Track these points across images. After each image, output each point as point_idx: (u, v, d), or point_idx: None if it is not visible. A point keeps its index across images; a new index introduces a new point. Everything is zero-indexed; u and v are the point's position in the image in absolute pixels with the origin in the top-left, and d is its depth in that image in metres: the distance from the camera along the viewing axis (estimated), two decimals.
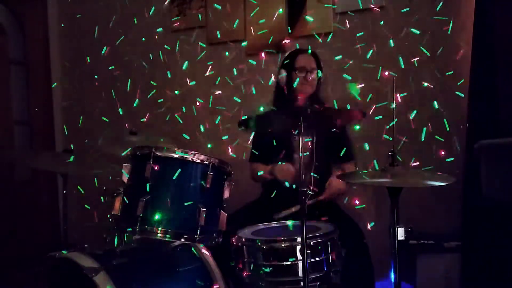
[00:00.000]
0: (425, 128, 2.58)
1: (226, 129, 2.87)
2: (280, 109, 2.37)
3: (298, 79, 2.37)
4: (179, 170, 1.76)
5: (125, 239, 1.95)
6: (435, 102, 2.57)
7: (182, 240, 1.79)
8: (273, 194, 2.26)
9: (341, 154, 2.44)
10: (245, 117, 1.78)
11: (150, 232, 1.74)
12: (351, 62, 2.77)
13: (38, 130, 3.65)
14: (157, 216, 1.72)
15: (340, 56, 2.79)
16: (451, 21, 2.63)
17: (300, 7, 2.99)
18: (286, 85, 2.41)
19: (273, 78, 2.57)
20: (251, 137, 2.51)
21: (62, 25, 3.71)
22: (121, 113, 3.31)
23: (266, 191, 2.54)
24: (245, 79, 3.05)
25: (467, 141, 2.48)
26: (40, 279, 1.90)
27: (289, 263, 1.73)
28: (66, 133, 3.68)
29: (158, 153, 1.76)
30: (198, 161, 1.79)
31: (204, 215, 1.74)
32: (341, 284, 1.84)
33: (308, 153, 2.32)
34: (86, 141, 3.12)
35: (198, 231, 1.74)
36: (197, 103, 3.11)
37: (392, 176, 1.59)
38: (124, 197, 1.80)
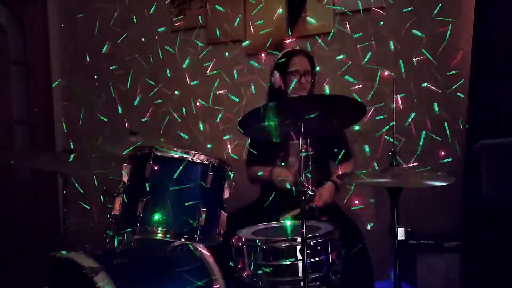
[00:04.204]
0: (424, 128, 2.58)
1: (226, 129, 2.87)
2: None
3: (292, 82, 2.36)
4: (179, 170, 1.77)
5: (125, 239, 1.95)
6: (435, 103, 2.57)
7: (182, 240, 1.79)
8: (272, 196, 2.26)
9: (339, 154, 2.44)
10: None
11: (150, 232, 1.74)
12: (350, 62, 2.78)
13: (38, 130, 3.66)
14: (157, 216, 1.72)
15: (340, 57, 2.79)
16: (451, 21, 2.63)
17: (300, 7, 2.99)
18: (279, 87, 2.40)
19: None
20: (248, 141, 2.51)
21: (62, 25, 3.71)
22: (120, 112, 3.31)
23: (265, 192, 2.54)
24: (245, 79, 3.05)
25: (467, 141, 2.48)
26: (40, 279, 1.90)
27: (289, 263, 1.73)
28: (66, 132, 3.68)
29: (158, 153, 1.76)
30: (198, 161, 1.79)
31: (204, 215, 1.74)
32: (341, 284, 1.84)
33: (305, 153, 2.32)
34: (86, 141, 3.11)
35: (198, 231, 1.74)
36: (197, 103, 3.11)
37: (392, 176, 1.59)
38: (124, 197, 1.80)
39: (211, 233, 1.82)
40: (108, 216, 1.83)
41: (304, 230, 1.60)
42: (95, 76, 3.47)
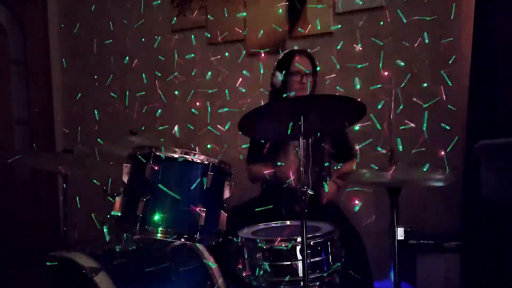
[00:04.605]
0: (424, 128, 2.58)
1: (226, 129, 2.87)
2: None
3: (293, 82, 2.37)
4: (179, 170, 1.77)
5: (125, 239, 1.95)
6: (435, 102, 2.57)
7: (182, 240, 1.79)
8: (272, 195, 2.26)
9: (340, 154, 2.44)
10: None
11: (150, 232, 1.73)
12: (350, 62, 2.78)
13: (38, 130, 3.66)
14: (157, 216, 1.72)
15: (340, 57, 2.79)
16: (451, 21, 2.63)
17: (300, 7, 2.99)
18: (281, 87, 2.41)
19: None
20: (249, 140, 2.51)
21: (62, 25, 3.72)
22: (121, 112, 3.32)
23: (265, 192, 2.54)
24: (245, 79, 3.04)
25: (467, 141, 2.48)
26: (40, 279, 1.90)
27: (289, 263, 1.73)
28: (66, 132, 3.69)
29: (158, 153, 1.76)
30: (198, 161, 1.79)
31: (204, 215, 1.73)
32: (341, 284, 1.84)
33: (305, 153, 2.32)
34: (86, 141, 3.12)
35: (198, 231, 1.74)
36: (197, 103, 3.11)
37: (391, 176, 1.59)
38: (124, 197, 1.80)
39: (211, 233, 1.82)
40: (108, 216, 1.83)
41: (304, 230, 1.61)
42: (95, 76, 3.47)
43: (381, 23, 2.74)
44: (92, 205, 2.82)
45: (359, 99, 1.65)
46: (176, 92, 3.21)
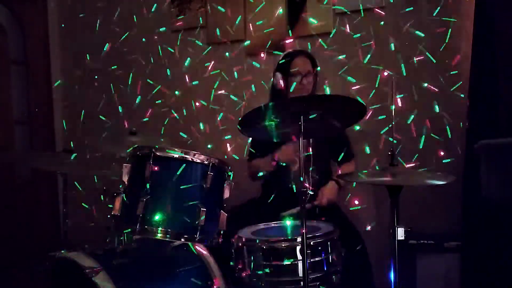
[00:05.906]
0: (425, 128, 2.58)
1: (226, 129, 2.87)
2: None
3: (293, 83, 2.37)
4: (179, 170, 1.77)
5: (125, 239, 1.95)
6: (435, 102, 2.57)
7: (182, 240, 1.79)
8: (272, 196, 2.26)
9: (341, 154, 2.44)
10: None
11: (150, 232, 1.74)
12: (350, 62, 2.78)
13: (38, 130, 3.65)
14: (157, 216, 1.72)
15: (340, 57, 2.79)
16: (451, 21, 2.63)
17: (300, 7, 2.99)
18: (281, 88, 2.41)
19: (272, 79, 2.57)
20: (250, 140, 2.51)
21: (62, 25, 3.72)
22: (121, 112, 3.31)
23: (265, 191, 2.54)
24: (245, 80, 3.04)
25: (467, 141, 2.48)
26: (40, 279, 1.90)
27: (289, 263, 1.73)
28: (66, 132, 3.69)
29: (158, 153, 1.76)
30: (198, 161, 1.79)
31: (204, 215, 1.74)
32: (341, 284, 1.84)
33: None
34: (86, 141, 3.12)
35: (198, 231, 1.74)
36: (197, 103, 3.11)
37: (392, 176, 1.59)
38: (124, 197, 1.80)
39: (211, 233, 1.82)
40: (108, 216, 1.83)
41: (304, 230, 1.60)
42: (95, 77, 3.47)
43: (382, 23, 2.74)
44: (92, 205, 2.83)
45: (359, 99, 1.65)
46: (176, 92, 3.21)
